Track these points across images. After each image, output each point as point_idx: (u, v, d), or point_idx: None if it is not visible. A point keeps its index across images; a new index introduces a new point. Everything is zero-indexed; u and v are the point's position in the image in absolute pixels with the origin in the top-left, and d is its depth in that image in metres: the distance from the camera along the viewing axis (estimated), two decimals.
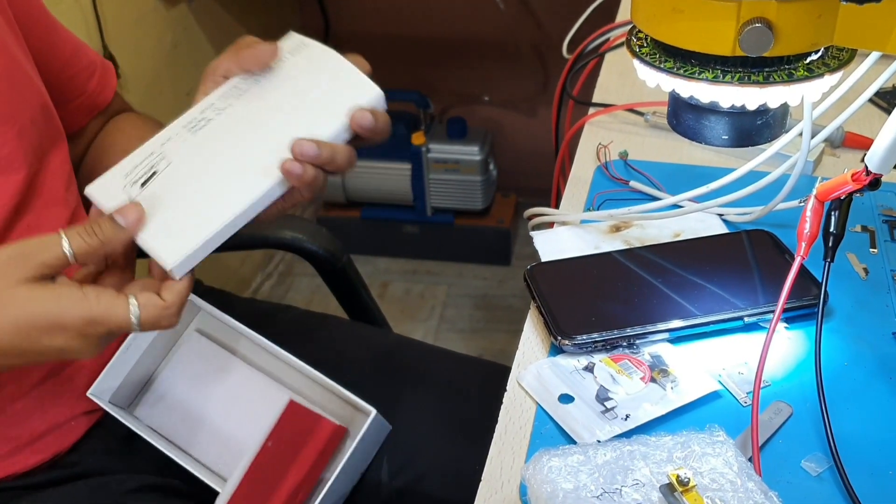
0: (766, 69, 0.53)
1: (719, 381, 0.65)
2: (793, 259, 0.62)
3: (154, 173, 0.67)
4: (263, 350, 0.84)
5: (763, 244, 0.76)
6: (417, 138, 2.14)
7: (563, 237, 0.81)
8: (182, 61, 1.77)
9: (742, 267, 0.74)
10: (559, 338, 0.67)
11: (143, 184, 0.66)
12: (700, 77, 0.54)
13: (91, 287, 0.61)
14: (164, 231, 0.64)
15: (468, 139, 2.17)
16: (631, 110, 0.97)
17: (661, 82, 0.56)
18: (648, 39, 0.57)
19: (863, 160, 0.58)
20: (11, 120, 0.74)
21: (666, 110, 0.62)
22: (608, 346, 0.67)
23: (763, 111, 0.56)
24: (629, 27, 0.59)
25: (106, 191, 0.67)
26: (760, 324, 0.69)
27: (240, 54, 0.71)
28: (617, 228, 0.81)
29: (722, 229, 0.80)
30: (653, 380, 0.65)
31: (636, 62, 0.57)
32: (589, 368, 0.66)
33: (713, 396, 0.64)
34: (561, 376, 0.65)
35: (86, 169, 0.90)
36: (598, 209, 0.84)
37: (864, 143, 0.91)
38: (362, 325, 1.06)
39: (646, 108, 0.96)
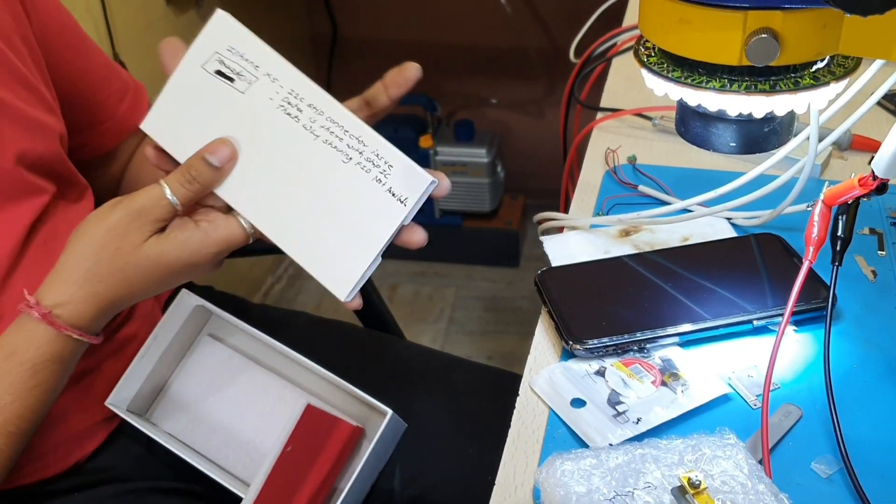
0: (773, 77, 0.54)
1: (729, 384, 0.66)
2: (801, 262, 0.62)
3: (232, 80, 0.64)
4: (277, 353, 0.84)
5: (772, 248, 0.77)
6: (425, 141, 2.15)
7: (572, 242, 0.81)
8: None
9: (751, 270, 0.75)
10: (571, 342, 0.68)
11: (219, 73, 0.65)
12: (707, 86, 0.54)
13: (204, 220, 0.64)
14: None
15: (476, 141, 2.18)
16: (639, 115, 0.97)
17: (669, 91, 0.56)
18: (656, 49, 0.57)
19: (870, 163, 0.59)
20: None
21: (673, 115, 0.63)
22: (619, 351, 0.68)
23: (770, 119, 0.57)
24: (636, 33, 0.59)
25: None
26: (770, 327, 0.70)
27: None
28: (626, 233, 0.82)
29: (731, 233, 0.81)
30: (663, 383, 0.65)
31: (644, 71, 0.57)
32: (600, 373, 0.67)
33: (723, 399, 0.65)
34: (573, 380, 0.66)
35: (126, 187, 0.92)
36: (607, 214, 0.85)
37: (871, 146, 0.91)
38: (374, 332, 1.07)
39: (654, 113, 0.97)
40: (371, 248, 0.62)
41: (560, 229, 0.84)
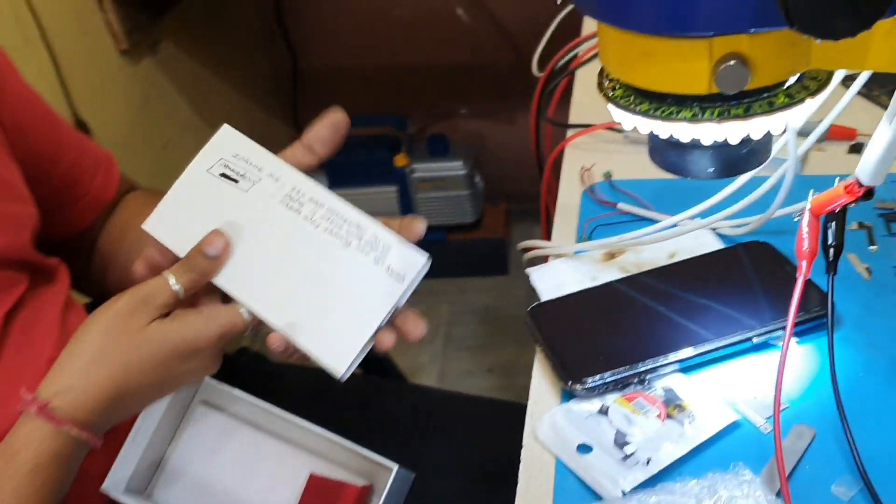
0: (746, 100, 0.52)
1: (736, 410, 0.64)
2: (793, 269, 0.61)
3: (236, 181, 0.67)
4: (273, 415, 0.82)
5: (762, 256, 0.75)
6: (400, 160, 2.13)
7: (558, 271, 0.79)
8: (154, 114, 1.76)
9: (744, 283, 0.73)
10: (570, 383, 0.66)
11: (224, 175, 0.67)
12: (678, 117, 0.52)
13: (206, 307, 0.66)
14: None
15: (451, 155, 2.16)
16: (609, 128, 0.95)
17: (638, 125, 0.54)
18: (620, 81, 0.55)
19: (850, 152, 0.57)
20: None
21: None
22: (620, 386, 0.66)
23: (747, 140, 0.55)
24: (595, 42, 0.57)
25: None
26: (770, 342, 0.68)
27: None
28: (612, 255, 0.80)
29: (717, 244, 0.79)
30: (669, 416, 0.63)
31: (610, 106, 0.55)
32: (603, 411, 0.65)
33: (732, 427, 0.63)
34: (576, 424, 0.64)
35: (99, 260, 0.90)
36: (590, 236, 0.83)
37: (847, 134, 0.89)
38: (374, 378, 1.05)
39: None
40: (369, 325, 0.64)
41: (545, 257, 0.82)
